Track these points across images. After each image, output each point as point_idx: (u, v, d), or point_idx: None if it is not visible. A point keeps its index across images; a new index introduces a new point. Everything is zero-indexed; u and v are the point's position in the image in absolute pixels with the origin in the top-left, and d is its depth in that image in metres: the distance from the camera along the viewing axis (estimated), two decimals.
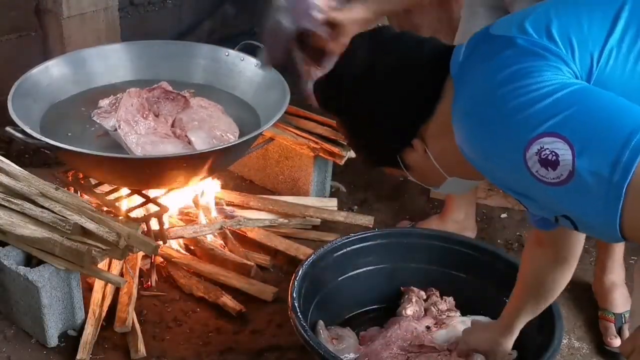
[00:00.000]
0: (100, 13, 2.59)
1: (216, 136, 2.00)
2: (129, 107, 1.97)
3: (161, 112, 2.05)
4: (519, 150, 0.93)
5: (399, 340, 1.70)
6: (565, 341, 1.89)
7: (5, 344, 1.81)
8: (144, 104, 2.01)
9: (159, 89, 2.07)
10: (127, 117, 1.95)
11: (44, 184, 1.90)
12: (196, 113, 2.06)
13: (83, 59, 2.25)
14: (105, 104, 2.08)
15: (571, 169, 0.90)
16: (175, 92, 2.08)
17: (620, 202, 0.89)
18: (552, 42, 0.98)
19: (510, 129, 0.95)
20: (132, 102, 1.99)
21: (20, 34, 2.53)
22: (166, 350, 1.83)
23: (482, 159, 1.02)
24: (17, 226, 1.77)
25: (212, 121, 2.05)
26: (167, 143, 1.96)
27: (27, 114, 1.95)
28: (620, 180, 0.88)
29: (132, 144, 1.89)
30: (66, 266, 1.73)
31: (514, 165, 0.95)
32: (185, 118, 2.04)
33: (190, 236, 2.10)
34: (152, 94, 2.05)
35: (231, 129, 2.05)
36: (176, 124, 2.04)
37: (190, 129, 2.01)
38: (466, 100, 1.04)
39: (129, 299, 1.87)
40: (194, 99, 2.12)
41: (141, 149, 1.89)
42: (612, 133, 0.90)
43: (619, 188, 0.88)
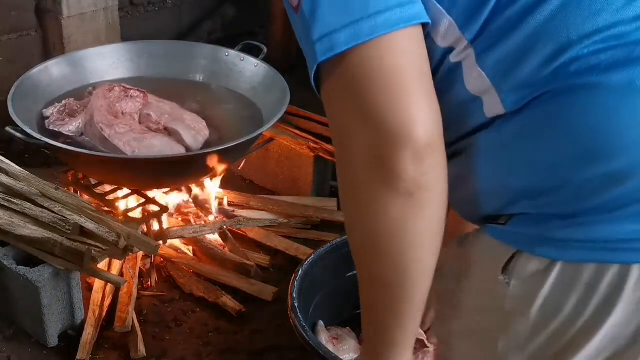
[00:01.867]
0: (100, 13, 2.59)
1: (193, 127, 2.02)
2: (101, 109, 1.97)
3: (124, 111, 2.04)
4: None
5: None
6: None
7: (5, 344, 1.81)
8: (110, 104, 2.01)
9: (118, 87, 2.06)
10: (103, 119, 1.94)
11: (44, 184, 1.90)
12: (160, 108, 2.07)
13: (83, 58, 2.25)
14: (54, 112, 2.04)
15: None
16: (135, 89, 2.08)
17: (313, 70, 0.78)
18: None
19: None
20: (101, 103, 1.98)
21: (20, 34, 2.53)
22: (166, 350, 1.83)
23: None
24: (17, 226, 1.77)
25: (179, 114, 2.07)
26: (150, 138, 1.95)
27: (27, 114, 1.95)
28: (319, 55, 0.76)
29: (120, 144, 1.89)
30: (66, 266, 1.73)
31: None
32: (153, 113, 2.04)
33: (190, 236, 2.10)
34: (112, 93, 2.05)
35: (198, 121, 2.07)
36: (144, 120, 2.04)
37: (167, 121, 2.02)
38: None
39: (129, 299, 1.87)
40: (149, 95, 2.12)
41: (130, 148, 1.89)
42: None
43: (314, 60, 0.77)
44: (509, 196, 0.83)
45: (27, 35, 2.55)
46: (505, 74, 0.79)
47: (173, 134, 2.00)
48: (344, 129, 0.78)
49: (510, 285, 0.83)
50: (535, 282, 0.81)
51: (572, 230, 0.78)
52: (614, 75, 0.74)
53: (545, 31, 0.76)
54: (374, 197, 0.77)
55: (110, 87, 2.06)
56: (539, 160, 0.79)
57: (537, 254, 0.80)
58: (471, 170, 0.85)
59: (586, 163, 0.76)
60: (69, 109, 2.03)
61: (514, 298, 0.83)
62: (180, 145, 1.97)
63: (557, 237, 0.79)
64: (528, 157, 0.80)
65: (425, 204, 0.77)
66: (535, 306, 0.82)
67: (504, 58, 0.78)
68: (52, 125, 1.98)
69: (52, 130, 1.97)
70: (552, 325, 0.82)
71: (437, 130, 0.76)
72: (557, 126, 0.77)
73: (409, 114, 0.74)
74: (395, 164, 0.74)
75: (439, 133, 0.76)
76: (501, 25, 0.78)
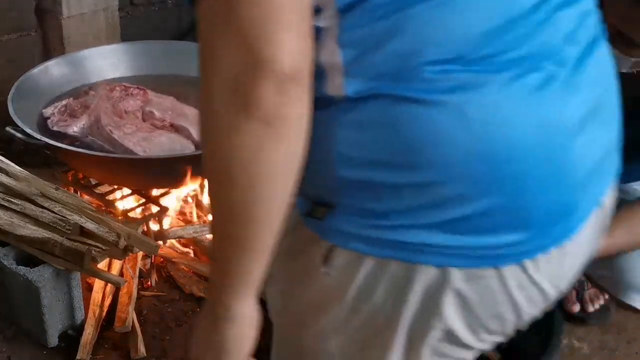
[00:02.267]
0: (100, 13, 2.59)
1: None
2: (106, 111, 1.97)
3: (127, 110, 2.04)
4: None
5: None
6: (565, 341, 1.89)
7: (5, 344, 1.81)
8: (113, 104, 2.01)
9: (119, 87, 2.06)
10: (110, 121, 1.95)
11: (44, 184, 1.90)
12: (160, 104, 2.07)
13: (83, 58, 2.25)
14: (55, 112, 2.04)
15: None
16: (134, 86, 2.08)
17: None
18: None
19: None
20: (106, 105, 1.98)
21: (20, 34, 2.53)
22: (166, 350, 1.83)
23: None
24: (17, 226, 1.77)
25: (180, 108, 2.07)
26: (158, 136, 1.95)
27: (27, 114, 1.95)
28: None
29: (130, 145, 1.89)
30: (66, 266, 1.73)
31: None
32: (156, 110, 2.04)
33: (190, 236, 2.10)
34: (114, 93, 2.05)
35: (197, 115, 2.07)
36: (147, 118, 2.04)
37: (172, 118, 2.02)
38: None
39: (129, 299, 1.87)
40: (148, 92, 2.13)
41: (140, 148, 1.89)
42: None
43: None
44: (330, 181, 0.84)
45: (27, 35, 2.55)
46: (358, 60, 0.78)
47: (181, 130, 1.99)
48: (211, 46, 0.73)
49: (330, 276, 0.87)
50: (349, 273, 0.86)
51: (382, 230, 0.82)
52: (450, 97, 0.76)
53: (408, 30, 0.76)
54: (231, 121, 0.73)
55: (111, 87, 2.06)
56: (359, 155, 0.81)
57: (351, 249, 0.85)
58: (321, 141, 0.83)
59: (401, 169, 0.79)
60: (69, 109, 2.03)
61: (333, 287, 0.88)
62: (189, 141, 1.97)
63: (368, 235, 0.83)
64: (351, 147, 0.81)
65: (282, 137, 0.73)
66: (350, 294, 0.87)
67: (364, 42, 0.77)
68: (56, 126, 1.99)
69: (57, 131, 1.97)
70: (363, 312, 0.88)
71: (304, 66, 0.72)
72: (386, 128, 0.78)
73: (277, 41, 0.69)
74: (255, 89, 0.70)
75: (306, 70, 0.72)
76: (375, 6, 0.76)
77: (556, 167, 0.81)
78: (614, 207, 0.98)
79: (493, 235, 0.81)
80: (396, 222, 0.81)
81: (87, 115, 1.97)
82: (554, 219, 0.84)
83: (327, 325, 0.92)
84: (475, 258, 0.83)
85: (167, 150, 1.90)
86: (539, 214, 0.82)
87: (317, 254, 0.88)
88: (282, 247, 0.85)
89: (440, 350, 0.91)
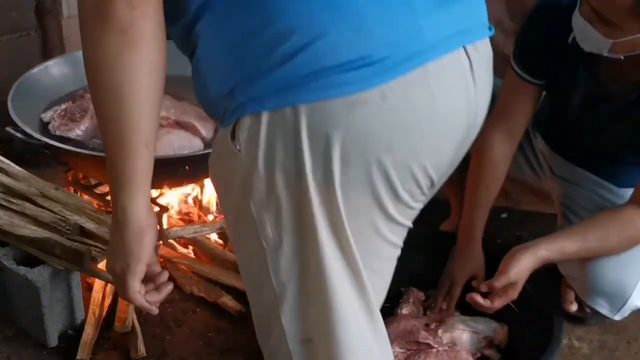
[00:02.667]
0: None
1: (201, 117, 2.01)
2: None
3: None
4: None
5: (398, 338, 1.70)
6: (565, 341, 1.89)
7: (5, 344, 1.81)
8: None
9: None
10: None
11: (44, 184, 1.90)
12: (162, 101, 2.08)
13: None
14: (54, 117, 2.04)
15: None
16: None
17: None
18: None
19: None
20: None
21: (20, 34, 2.53)
22: (166, 350, 1.83)
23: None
24: (17, 226, 1.77)
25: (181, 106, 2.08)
26: (166, 134, 1.95)
27: (27, 114, 1.95)
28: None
29: None
30: (66, 266, 1.73)
31: None
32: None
33: (190, 236, 2.10)
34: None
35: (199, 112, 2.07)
36: None
37: (176, 115, 2.02)
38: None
39: None
40: None
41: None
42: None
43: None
44: (227, 73, 0.97)
45: (27, 35, 2.55)
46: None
47: (187, 127, 1.99)
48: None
49: (240, 149, 0.96)
50: (253, 139, 0.94)
51: (264, 82, 0.92)
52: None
53: None
54: (95, 35, 0.93)
55: None
56: (233, 37, 0.95)
57: (249, 113, 0.94)
58: (201, 55, 1.01)
59: (263, 27, 0.92)
60: (69, 112, 2.03)
61: (244, 159, 0.96)
62: (197, 138, 1.97)
63: (257, 95, 0.93)
64: (228, 33, 0.95)
65: (136, 43, 0.93)
66: (260, 160, 0.95)
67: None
68: (58, 131, 1.99)
69: (60, 135, 1.97)
70: (278, 179, 0.95)
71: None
72: (242, 5, 0.93)
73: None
74: (109, 5, 0.90)
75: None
76: None
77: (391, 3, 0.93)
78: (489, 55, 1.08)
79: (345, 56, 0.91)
80: (272, 75, 0.92)
81: (91, 117, 1.97)
82: (402, 39, 0.93)
83: (256, 207, 0.99)
84: (345, 85, 0.91)
85: (177, 147, 1.90)
86: (384, 38, 0.92)
87: (228, 137, 0.98)
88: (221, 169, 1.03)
89: (350, 196, 0.97)
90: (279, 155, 0.94)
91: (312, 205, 0.96)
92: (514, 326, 1.75)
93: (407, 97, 0.93)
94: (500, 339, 1.74)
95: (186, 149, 1.91)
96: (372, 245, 1.04)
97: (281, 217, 0.98)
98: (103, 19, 0.91)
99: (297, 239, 1.00)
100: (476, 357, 1.71)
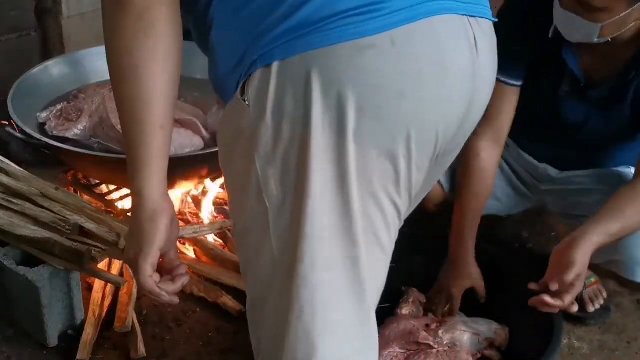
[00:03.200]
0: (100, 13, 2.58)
1: (197, 115, 2.01)
2: (113, 110, 1.96)
3: None
4: None
5: (398, 338, 1.70)
6: (565, 341, 1.89)
7: (5, 344, 1.81)
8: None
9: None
10: (118, 120, 1.95)
11: (44, 184, 1.90)
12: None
13: (83, 58, 2.25)
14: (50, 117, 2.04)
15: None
16: None
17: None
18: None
19: None
20: (111, 105, 1.99)
21: (20, 34, 2.54)
22: (166, 350, 1.83)
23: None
24: (17, 226, 1.77)
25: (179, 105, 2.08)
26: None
27: (27, 114, 1.95)
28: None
29: None
30: (66, 266, 1.73)
31: None
32: None
33: (190, 236, 2.10)
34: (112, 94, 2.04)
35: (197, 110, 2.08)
36: None
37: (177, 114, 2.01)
38: None
39: (129, 299, 1.87)
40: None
41: None
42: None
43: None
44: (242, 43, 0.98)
45: (27, 35, 2.55)
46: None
47: (187, 125, 1.99)
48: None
49: (249, 103, 0.97)
50: (262, 90, 0.95)
51: (272, 36, 0.94)
52: None
53: None
54: (113, 19, 0.99)
55: (110, 87, 2.06)
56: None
57: (259, 67, 0.95)
58: (215, 38, 1.05)
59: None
60: (65, 113, 2.03)
61: (252, 112, 0.97)
62: (198, 136, 1.97)
63: (268, 49, 0.94)
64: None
65: (152, 25, 0.97)
66: (268, 111, 0.95)
67: None
68: (55, 131, 1.98)
69: (57, 136, 1.97)
70: (285, 131, 0.95)
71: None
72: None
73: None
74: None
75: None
76: None
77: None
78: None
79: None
80: (280, 27, 0.94)
81: (88, 117, 1.97)
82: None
83: (261, 163, 0.98)
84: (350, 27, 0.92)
85: (178, 145, 1.90)
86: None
87: (238, 95, 0.99)
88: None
89: (364, 152, 0.96)
90: (288, 104, 0.94)
91: (318, 154, 0.95)
92: (514, 326, 1.75)
93: (415, 45, 0.94)
94: (501, 341, 1.73)
95: (187, 147, 1.91)
96: (374, 219, 1.01)
97: (287, 171, 0.97)
98: (121, 3, 0.97)
99: (299, 192, 0.98)
100: (476, 357, 1.71)
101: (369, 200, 0.99)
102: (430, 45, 0.96)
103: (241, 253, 1.11)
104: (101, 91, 2.05)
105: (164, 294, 1.10)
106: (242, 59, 0.97)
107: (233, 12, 0.99)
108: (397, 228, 1.07)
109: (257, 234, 1.03)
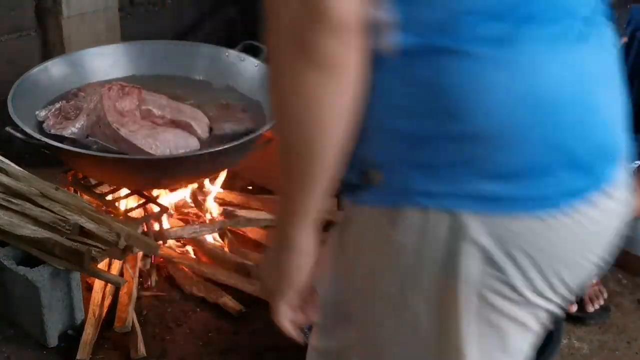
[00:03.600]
0: (100, 13, 2.59)
1: (199, 117, 2.01)
2: (110, 110, 1.96)
3: (125, 109, 2.04)
4: None
5: None
6: (565, 341, 1.89)
7: (5, 344, 1.81)
8: (115, 104, 2.01)
9: (115, 86, 2.06)
10: (115, 119, 1.94)
11: (44, 184, 1.90)
12: (156, 101, 2.06)
13: (83, 58, 2.25)
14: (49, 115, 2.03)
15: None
16: (129, 85, 2.07)
17: None
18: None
19: None
20: (109, 104, 1.98)
21: (20, 34, 2.53)
22: (166, 350, 1.83)
23: None
24: (17, 226, 1.77)
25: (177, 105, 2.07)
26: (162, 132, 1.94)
27: (27, 114, 1.95)
28: None
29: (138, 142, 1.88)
30: (66, 266, 1.73)
31: None
32: (153, 107, 2.03)
33: (190, 236, 2.10)
34: (111, 92, 2.04)
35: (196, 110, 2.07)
36: (145, 116, 2.03)
37: (172, 114, 2.01)
38: None
39: (129, 299, 1.87)
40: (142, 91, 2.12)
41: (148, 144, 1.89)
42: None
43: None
44: (384, 138, 0.88)
45: (27, 35, 2.55)
46: (408, 13, 0.81)
47: (183, 126, 1.99)
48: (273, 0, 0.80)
49: (403, 242, 0.89)
50: (420, 232, 0.88)
51: (443, 178, 0.85)
52: (493, 50, 0.80)
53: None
54: (292, 67, 0.80)
55: (108, 87, 2.06)
56: (409, 108, 0.84)
57: (416, 205, 0.87)
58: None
59: (446, 120, 0.83)
60: (63, 111, 2.03)
61: (410, 252, 0.89)
62: (194, 137, 1.97)
63: (428, 190, 0.86)
64: (403, 100, 0.85)
65: (339, 81, 0.80)
66: (428, 254, 0.88)
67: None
68: (53, 129, 1.98)
69: (55, 134, 1.96)
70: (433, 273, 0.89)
71: (356, 13, 0.77)
72: (432, 80, 0.82)
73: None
74: (312, 36, 0.76)
75: (360, 18, 0.78)
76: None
77: (590, 109, 0.86)
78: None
79: (541, 179, 0.84)
80: (449, 174, 0.84)
81: (86, 115, 1.97)
82: (599, 158, 0.87)
83: (416, 298, 0.93)
84: (533, 201, 0.84)
85: (174, 146, 1.90)
86: (585, 153, 0.85)
87: (383, 227, 0.90)
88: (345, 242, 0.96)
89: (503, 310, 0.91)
90: (435, 254, 0.88)
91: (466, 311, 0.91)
92: None
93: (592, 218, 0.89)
94: None
95: (182, 148, 1.91)
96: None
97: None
98: (302, 51, 0.78)
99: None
100: None
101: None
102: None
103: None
104: (100, 89, 2.05)
105: (298, 336, 1.07)
106: (383, 165, 0.89)
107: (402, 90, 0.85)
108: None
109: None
